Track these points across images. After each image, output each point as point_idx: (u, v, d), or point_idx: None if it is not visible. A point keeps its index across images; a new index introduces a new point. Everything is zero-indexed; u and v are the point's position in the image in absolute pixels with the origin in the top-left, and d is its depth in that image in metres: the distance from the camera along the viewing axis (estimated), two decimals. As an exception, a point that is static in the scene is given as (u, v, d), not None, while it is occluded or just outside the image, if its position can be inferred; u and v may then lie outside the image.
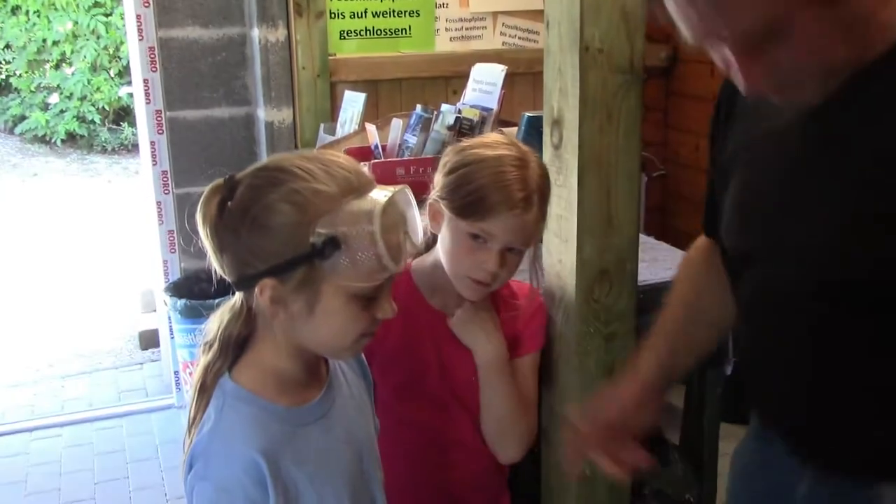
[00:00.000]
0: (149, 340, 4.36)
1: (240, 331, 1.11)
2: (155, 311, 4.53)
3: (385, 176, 2.46)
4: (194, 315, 3.31)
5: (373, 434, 1.27)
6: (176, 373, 3.67)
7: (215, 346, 1.11)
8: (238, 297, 1.11)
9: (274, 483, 1.07)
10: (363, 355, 1.28)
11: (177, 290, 3.46)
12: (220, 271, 1.10)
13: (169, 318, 3.57)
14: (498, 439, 1.48)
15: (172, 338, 3.58)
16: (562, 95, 1.46)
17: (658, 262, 1.83)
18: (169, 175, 3.51)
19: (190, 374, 3.43)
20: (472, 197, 1.36)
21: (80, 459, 3.34)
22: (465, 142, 1.47)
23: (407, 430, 1.44)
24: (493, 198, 1.35)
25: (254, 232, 1.04)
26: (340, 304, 1.06)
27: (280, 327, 1.08)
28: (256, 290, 1.05)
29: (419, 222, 1.11)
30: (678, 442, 1.96)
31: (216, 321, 1.12)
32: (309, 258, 1.03)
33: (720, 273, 1.23)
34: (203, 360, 1.12)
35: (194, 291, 3.51)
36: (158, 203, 3.54)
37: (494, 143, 1.44)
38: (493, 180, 1.35)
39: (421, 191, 1.48)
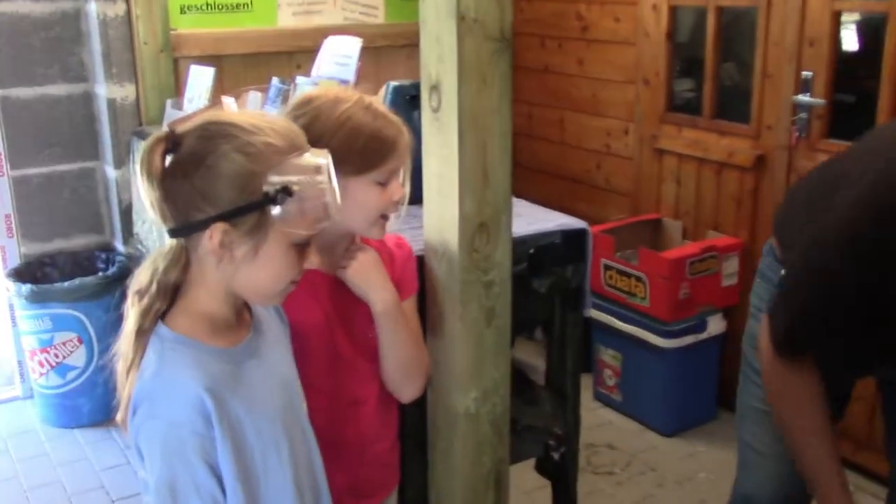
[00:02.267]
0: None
1: (176, 276, 1.17)
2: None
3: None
4: (42, 300, 3.22)
5: (295, 370, 1.37)
6: (20, 362, 3.54)
7: (152, 290, 1.16)
8: (175, 243, 1.17)
9: (220, 418, 1.15)
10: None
11: (19, 275, 3.34)
12: (159, 220, 1.15)
13: (11, 305, 3.44)
14: (401, 381, 1.58)
15: (14, 326, 3.45)
16: (440, 62, 1.57)
17: (521, 216, 1.98)
18: (3, 156, 3.37)
19: (39, 361, 3.33)
20: (370, 148, 1.44)
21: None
22: (301, 104, 1.49)
23: (310, 393, 1.50)
24: (390, 135, 1.47)
25: (207, 179, 1.11)
26: (282, 250, 1.15)
27: (220, 272, 1.16)
28: (207, 233, 1.12)
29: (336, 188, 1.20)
30: (544, 382, 2.14)
31: (149, 269, 1.17)
32: (262, 205, 1.12)
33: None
34: (137, 307, 1.17)
35: (37, 276, 3.40)
36: (-8, 186, 3.39)
37: (326, 94, 1.51)
38: (376, 124, 1.46)
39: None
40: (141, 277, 1.18)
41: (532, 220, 2.02)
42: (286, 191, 1.12)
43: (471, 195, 1.61)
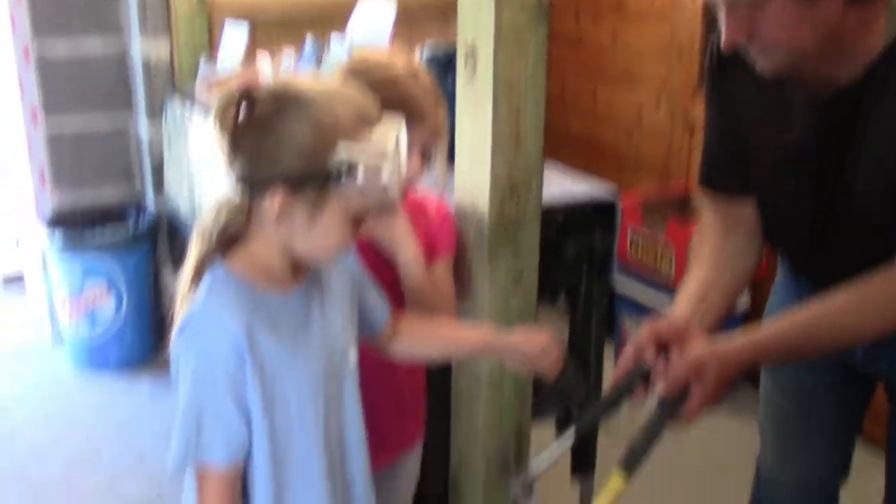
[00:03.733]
0: (13, 279, 4.24)
1: (237, 225, 1.21)
2: (18, 248, 4.40)
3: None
4: (74, 248, 3.28)
5: (351, 333, 1.36)
6: (51, 309, 3.61)
7: (213, 234, 1.21)
8: (239, 196, 1.20)
9: (253, 361, 1.19)
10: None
11: (52, 223, 3.40)
12: (227, 170, 1.19)
13: (43, 254, 3.50)
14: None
15: (46, 273, 3.52)
16: (476, 28, 1.58)
17: (552, 182, 1.98)
18: (39, 108, 3.41)
19: (69, 309, 3.40)
20: (400, 107, 1.42)
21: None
22: (357, 62, 1.55)
23: None
24: (423, 105, 1.49)
25: (274, 146, 1.13)
26: (338, 222, 1.18)
27: (278, 233, 1.19)
28: (268, 195, 1.15)
29: (405, 156, 1.22)
30: (569, 343, 2.17)
31: (213, 213, 1.21)
32: (325, 180, 1.13)
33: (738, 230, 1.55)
34: (198, 247, 1.22)
35: (69, 227, 3.46)
36: (28, 136, 3.44)
37: (380, 55, 1.56)
38: (418, 88, 1.48)
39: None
40: (206, 219, 1.22)
41: (562, 186, 2.04)
42: (349, 169, 1.13)
43: (502, 158, 1.62)
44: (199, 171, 3.07)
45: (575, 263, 2.01)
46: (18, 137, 3.47)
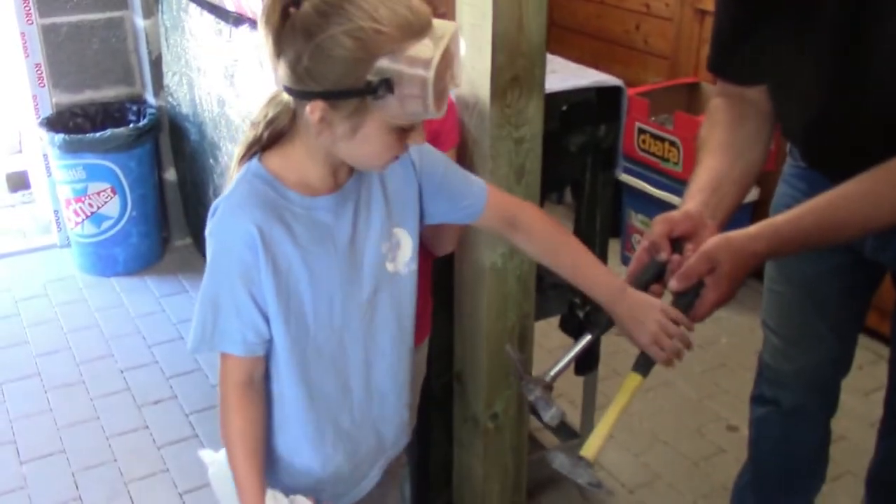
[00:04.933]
0: (17, 182, 4.22)
1: (283, 123, 1.19)
2: (20, 151, 4.37)
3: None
4: (75, 149, 3.25)
5: (378, 255, 1.30)
6: (56, 212, 3.60)
7: (259, 127, 1.20)
8: (285, 97, 1.17)
9: (265, 253, 1.19)
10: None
11: (51, 125, 3.35)
12: (271, 71, 1.15)
13: (45, 155, 3.47)
14: (433, 234, 1.59)
15: (50, 176, 3.49)
16: None
17: (555, 73, 1.94)
18: (32, 4, 3.32)
19: (74, 211, 3.39)
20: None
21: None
22: None
23: None
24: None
25: (314, 58, 1.08)
26: (380, 133, 1.14)
27: (320, 141, 1.16)
28: (307, 107, 1.12)
29: (461, 64, 1.17)
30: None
31: (263, 108, 1.20)
32: (362, 94, 1.09)
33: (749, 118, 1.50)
34: (246, 136, 1.22)
35: (70, 127, 3.41)
36: (22, 34, 3.36)
37: None
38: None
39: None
40: (256, 113, 1.21)
41: (566, 76, 1.98)
42: (388, 84, 1.08)
43: (504, 47, 1.57)
44: (197, 65, 3.00)
45: (580, 155, 1.97)
46: (14, 36, 3.39)
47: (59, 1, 3.37)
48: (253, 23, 2.36)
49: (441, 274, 1.80)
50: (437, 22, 1.12)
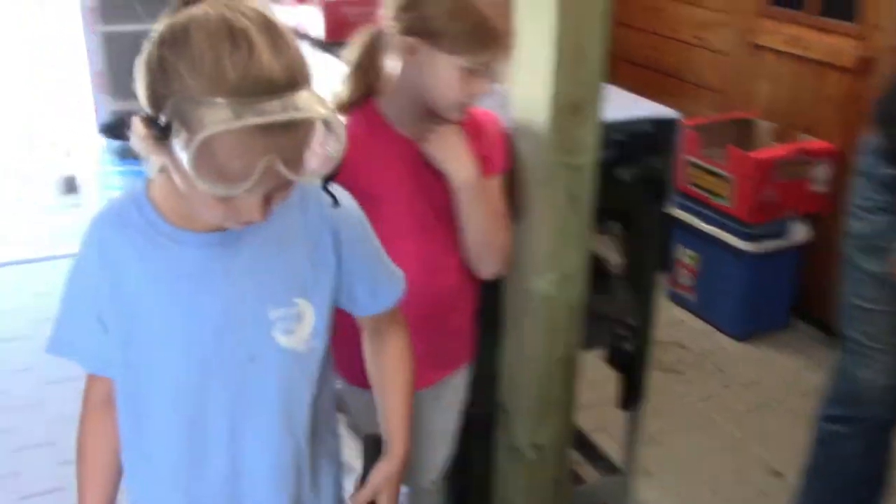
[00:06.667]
0: (72, 185, 4.29)
1: None
2: (74, 156, 4.44)
3: (336, 17, 2.46)
4: (130, 156, 3.29)
5: (265, 328, 1.13)
6: (106, 217, 3.64)
7: None
8: None
9: (112, 285, 1.10)
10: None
11: (109, 131, 3.41)
12: None
13: (99, 161, 3.52)
14: (478, 257, 1.57)
15: (102, 181, 3.54)
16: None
17: (611, 102, 1.91)
18: (96, 13, 3.39)
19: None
20: (473, 33, 1.38)
21: (16, 299, 3.35)
22: None
23: (397, 258, 1.50)
24: (500, 28, 1.39)
25: None
26: None
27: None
28: None
29: None
30: (618, 274, 2.12)
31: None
32: None
33: None
34: None
35: (125, 134, 3.45)
36: (84, 42, 3.43)
37: None
38: (491, 11, 1.38)
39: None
40: None
41: (622, 106, 1.96)
42: None
43: (564, 73, 1.56)
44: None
45: (632, 187, 1.95)
46: (77, 44, 3.46)
47: (122, 10, 3.43)
48: (304, 38, 2.38)
49: (487, 298, 1.78)
50: None
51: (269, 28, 0.94)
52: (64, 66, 3.83)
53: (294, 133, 0.95)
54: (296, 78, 0.94)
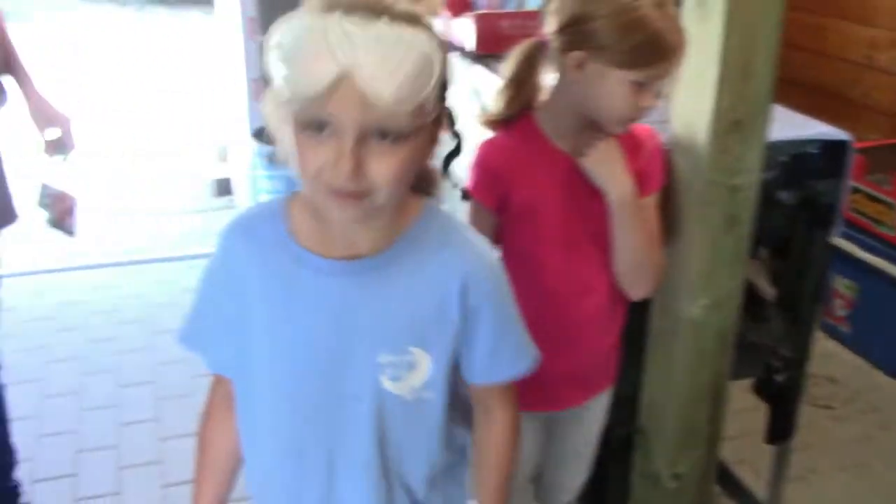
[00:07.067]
0: (224, 188, 4.46)
1: None
2: (225, 160, 4.62)
3: (489, 30, 2.45)
4: (280, 162, 3.38)
5: (375, 373, 1.07)
6: (255, 219, 3.76)
7: None
8: None
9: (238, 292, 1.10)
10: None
11: (262, 137, 3.51)
12: None
13: (251, 165, 3.64)
14: (630, 278, 1.52)
15: (253, 185, 3.66)
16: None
17: (776, 121, 1.82)
18: (256, 22, 3.51)
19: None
20: (644, 47, 1.34)
21: (169, 294, 3.50)
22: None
23: (541, 274, 1.48)
24: (672, 42, 1.35)
25: None
26: None
27: None
28: None
29: None
30: (773, 301, 2.01)
31: None
32: None
33: None
34: None
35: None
36: (244, 50, 3.55)
37: None
38: (662, 24, 1.34)
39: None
40: None
41: (788, 125, 1.86)
42: None
43: (728, 91, 1.50)
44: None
45: (794, 211, 1.85)
46: (237, 51, 3.59)
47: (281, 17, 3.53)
48: (456, 50, 2.38)
49: (634, 319, 1.73)
50: None
51: None
52: (223, 73, 3.99)
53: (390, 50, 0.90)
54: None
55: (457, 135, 1.11)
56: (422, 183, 1.09)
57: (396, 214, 1.06)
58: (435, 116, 0.98)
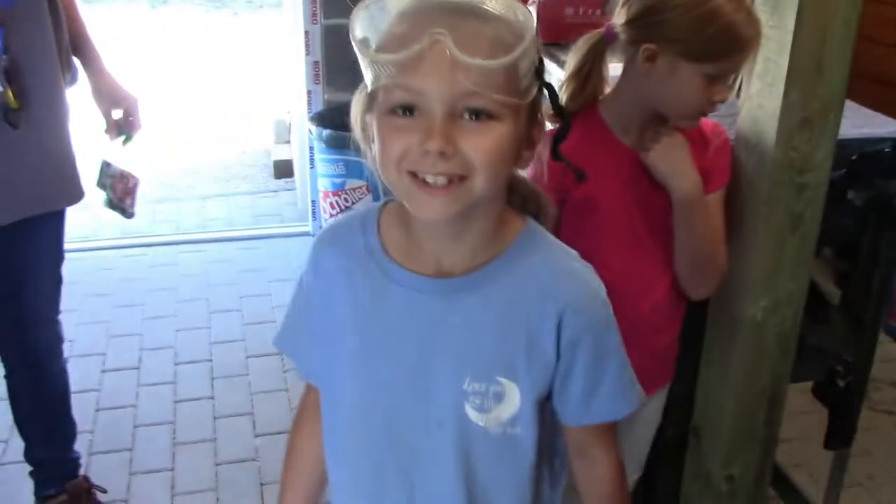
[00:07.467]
0: (283, 170, 4.50)
1: None
2: (288, 142, 4.65)
3: (552, 18, 2.43)
4: (338, 145, 3.39)
5: (460, 401, 1.00)
6: (314, 202, 3.79)
7: None
8: None
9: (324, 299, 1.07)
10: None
11: (321, 120, 3.53)
12: None
13: (311, 147, 3.66)
14: (692, 276, 1.49)
15: (312, 167, 3.68)
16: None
17: (846, 118, 1.77)
18: (318, 5, 3.52)
19: (330, 203, 3.55)
20: (718, 39, 1.32)
21: (225, 274, 3.54)
22: None
23: (603, 271, 1.46)
24: (746, 34, 1.32)
25: None
26: None
27: None
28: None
29: None
30: (837, 303, 1.96)
31: None
32: None
33: None
34: None
35: (337, 123, 3.57)
36: (306, 33, 3.57)
37: None
38: (736, 17, 1.31)
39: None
40: None
41: (859, 122, 1.81)
42: None
43: (799, 86, 1.45)
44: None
45: (863, 211, 1.79)
46: (299, 35, 3.61)
47: (345, 4, 3.54)
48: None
49: (692, 317, 1.69)
50: None
51: None
52: (286, 56, 4.02)
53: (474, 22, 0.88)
54: None
55: (563, 113, 1.07)
56: (526, 202, 1.03)
57: (493, 232, 0.99)
58: (531, 100, 0.93)
